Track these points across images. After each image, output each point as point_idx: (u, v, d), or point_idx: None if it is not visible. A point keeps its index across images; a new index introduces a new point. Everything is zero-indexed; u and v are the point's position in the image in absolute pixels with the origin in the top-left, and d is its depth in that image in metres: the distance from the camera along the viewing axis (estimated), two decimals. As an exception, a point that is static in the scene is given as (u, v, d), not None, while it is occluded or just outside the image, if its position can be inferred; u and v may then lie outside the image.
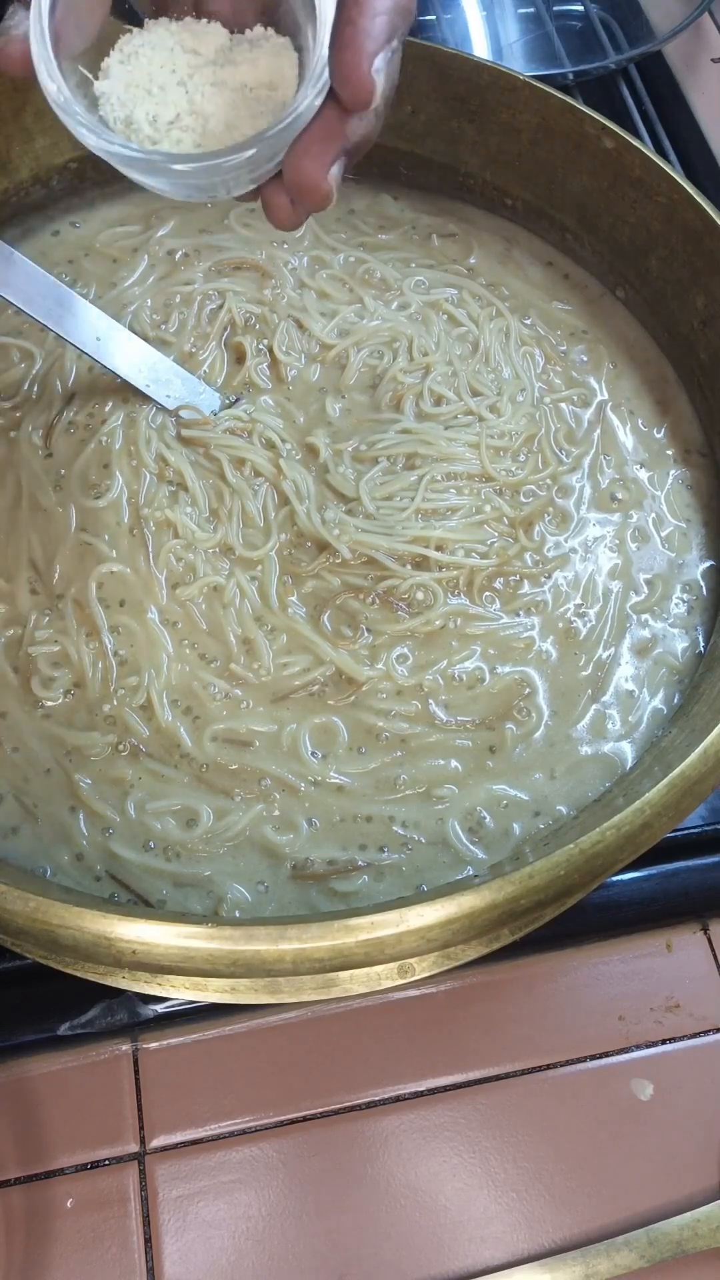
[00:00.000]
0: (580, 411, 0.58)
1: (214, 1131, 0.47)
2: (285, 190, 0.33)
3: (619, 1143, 0.48)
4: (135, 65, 0.33)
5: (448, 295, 0.61)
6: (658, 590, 0.53)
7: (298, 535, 0.51)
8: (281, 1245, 0.45)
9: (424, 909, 0.36)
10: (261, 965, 0.35)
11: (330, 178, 0.32)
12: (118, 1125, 0.47)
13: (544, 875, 0.37)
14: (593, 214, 0.60)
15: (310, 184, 0.32)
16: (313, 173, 0.32)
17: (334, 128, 0.31)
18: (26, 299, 0.49)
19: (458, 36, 0.84)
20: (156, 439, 0.53)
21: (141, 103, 0.33)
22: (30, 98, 0.58)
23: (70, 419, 0.54)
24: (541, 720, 0.49)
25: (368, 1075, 0.48)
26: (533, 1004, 0.50)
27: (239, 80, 0.33)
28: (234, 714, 0.48)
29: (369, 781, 0.47)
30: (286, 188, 0.32)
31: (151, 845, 0.45)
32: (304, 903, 0.45)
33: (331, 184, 0.32)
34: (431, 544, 0.51)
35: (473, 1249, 0.45)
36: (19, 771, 0.47)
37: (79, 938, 0.36)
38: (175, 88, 0.33)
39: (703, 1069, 0.49)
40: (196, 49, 0.33)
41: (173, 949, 0.35)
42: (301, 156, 0.32)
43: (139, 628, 0.49)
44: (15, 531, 0.51)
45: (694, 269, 0.56)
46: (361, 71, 0.30)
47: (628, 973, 0.51)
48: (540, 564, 0.53)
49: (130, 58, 0.33)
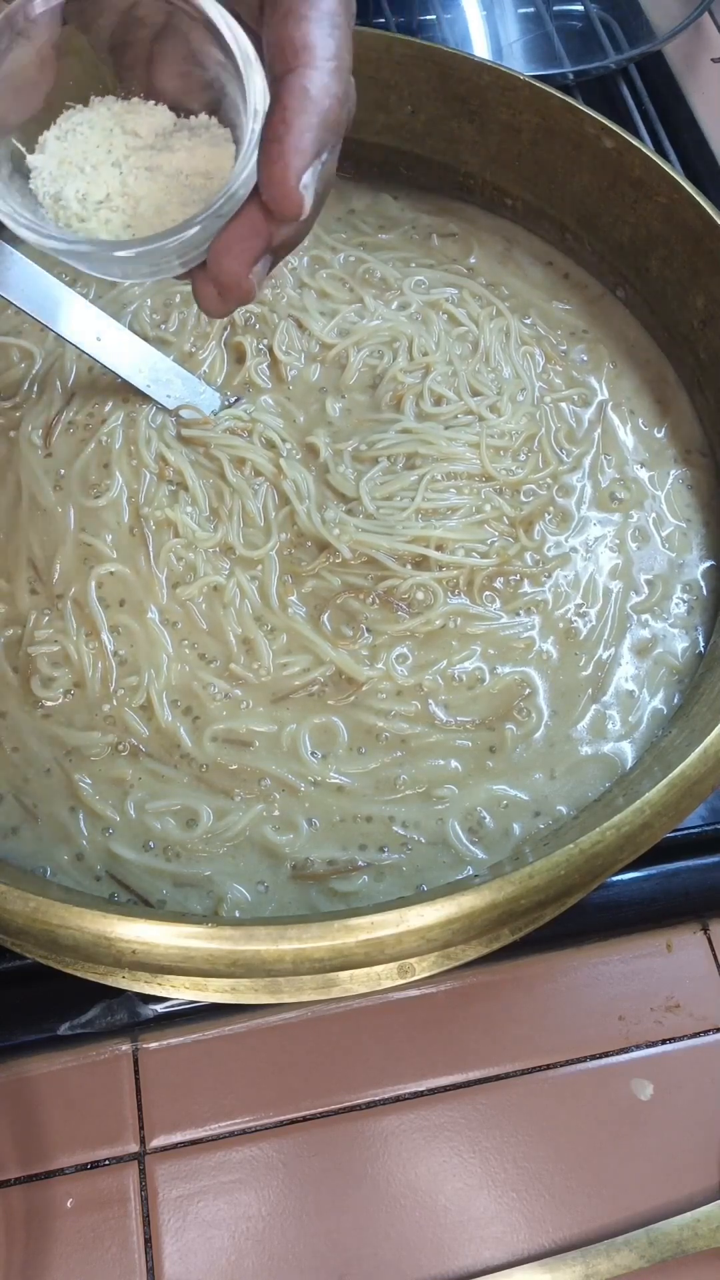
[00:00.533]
0: (581, 411, 0.58)
1: (214, 1131, 0.47)
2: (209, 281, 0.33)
3: (619, 1143, 0.48)
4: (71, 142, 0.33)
5: (448, 295, 0.61)
6: (658, 590, 0.53)
7: (298, 535, 0.51)
8: (281, 1245, 0.45)
9: (424, 909, 0.36)
10: (261, 965, 0.35)
11: (252, 276, 0.32)
12: (118, 1125, 0.47)
13: (544, 875, 0.37)
14: (593, 214, 0.60)
15: (231, 281, 0.32)
16: (234, 270, 0.32)
17: (259, 226, 0.31)
18: (26, 299, 0.49)
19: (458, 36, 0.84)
20: (156, 439, 0.53)
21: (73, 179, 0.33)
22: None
23: (70, 419, 0.54)
24: (542, 720, 0.49)
25: (368, 1075, 0.48)
26: (533, 1004, 0.50)
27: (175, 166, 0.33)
28: (234, 714, 0.48)
29: (369, 781, 0.47)
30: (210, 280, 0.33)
31: (151, 845, 0.45)
32: (304, 903, 0.45)
33: (253, 281, 0.32)
34: (432, 544, 0.51)
35: (473, 1249, 0.45)
36: (19, 771, 0.47)
37: (79, 938, 0.36)
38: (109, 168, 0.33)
39: (703, 1069, 0.49)
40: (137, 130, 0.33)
41: (173, 949, 0.35)
42: (223, 254, 0.32)
43: (139, 628, 0.49)
44: (15, 531, 0.51)
45: (694, 269, 0.56)
46: (289, 186, 0.30)
47: (628, 973, 0.51)
48: (540, 563, 0.53)
49: (68, 134, 0.33)
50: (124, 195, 0.33)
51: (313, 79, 0.30)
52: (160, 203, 0.32)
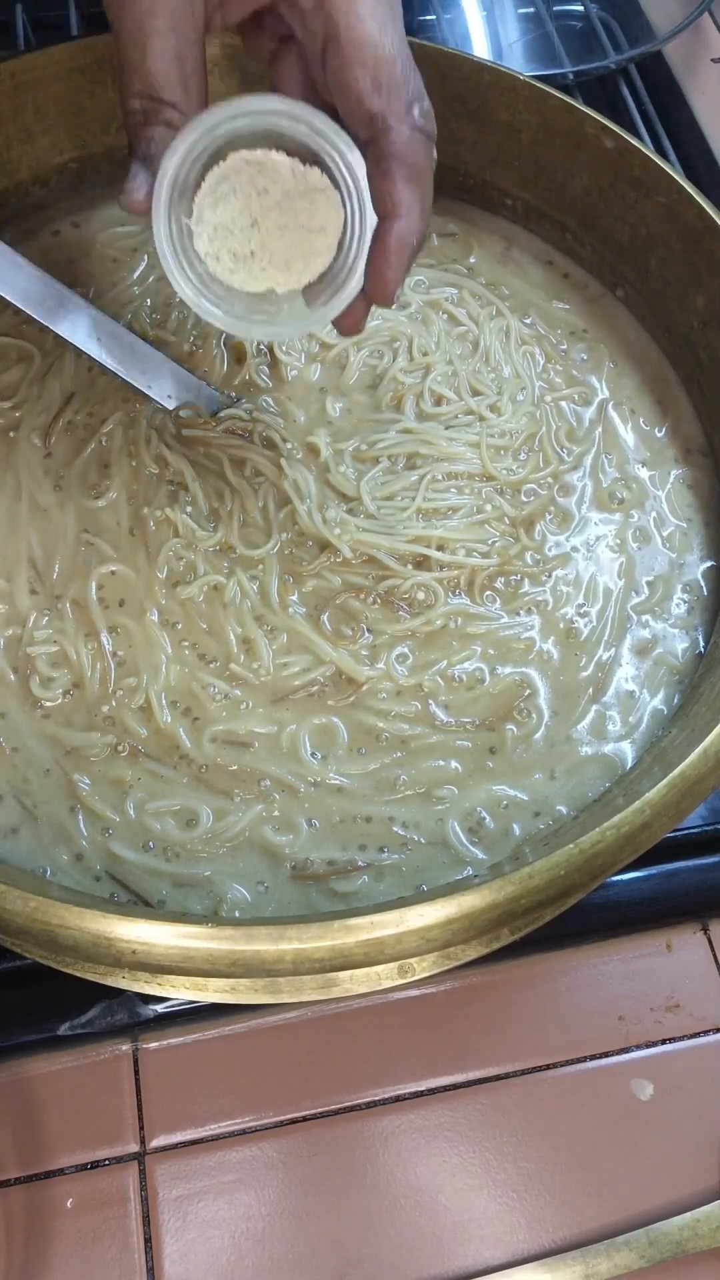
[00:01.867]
0: (581, 410, 0.58)
1: (214, 1131, 0.47)
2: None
3: (619, 1143, 0.48)
4: (222, 210, 0.41)
5: (448, 295, 0.61)
6: (658, 590, 0.53)
7: (299, 534, 0.51)
8: (281, 1245, 0.45)
9: (424, 909, 0.36)
10: (261, 965, 0.35)
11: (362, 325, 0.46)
12: (118, 1125, 0.47)
13: (544, 875, 0.37)
14: (593, 214, 0.60)
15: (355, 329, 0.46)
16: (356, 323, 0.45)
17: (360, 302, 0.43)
18: (26, 299, 0.49)
19: (458, 36, 0.84)
20: (156, 439, 0.53)
21: (225, 241, 0.41)
22: (30, 98, 0.58)
23: (70, 419, 0.54)
24: (542, 721, 0.49)
25: (368, 1075, 0.48)
26: (533, 1004, 0.50)
27: (298, 223, 0.41)
28: (233, 715, 0.48)
29: (369, 782, 0.47)
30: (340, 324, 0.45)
31: (151, 845, 0.45)
32: (304, 903, 0.45)
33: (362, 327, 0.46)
34: (433, 543, 0.51)
35: (473, 1249, 0.45)
36: (18, 772, 0.47)
37: (79, 938, 0.36)
38: (250, 228, 0.41)
39: (703, 1069, 0.49)
40: (268, 188, 0.41)
41: (173, 949, 0.35)
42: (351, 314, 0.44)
43: (138, 628, 0.49)
44: (15, 531, 0.51)
45: (694, 269, 0.56)
46: (387, 296, 0.42)
47: (628, 973, 0.51)
48: (541, 563, 0.53)
49: (218, 202, 0.41)
50: (262, 247, 0.41)
51: (403, 227, 0.41)
52: (289, 257, 0.42)
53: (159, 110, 0.41)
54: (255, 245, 0.41)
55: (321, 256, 0.42)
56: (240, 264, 0.42)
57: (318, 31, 0.40)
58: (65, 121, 0.60)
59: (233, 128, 0.40)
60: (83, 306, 0.51)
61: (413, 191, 0.41)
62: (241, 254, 0.42)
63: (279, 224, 0.41)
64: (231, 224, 0.41)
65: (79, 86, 0.59)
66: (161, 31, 0.40)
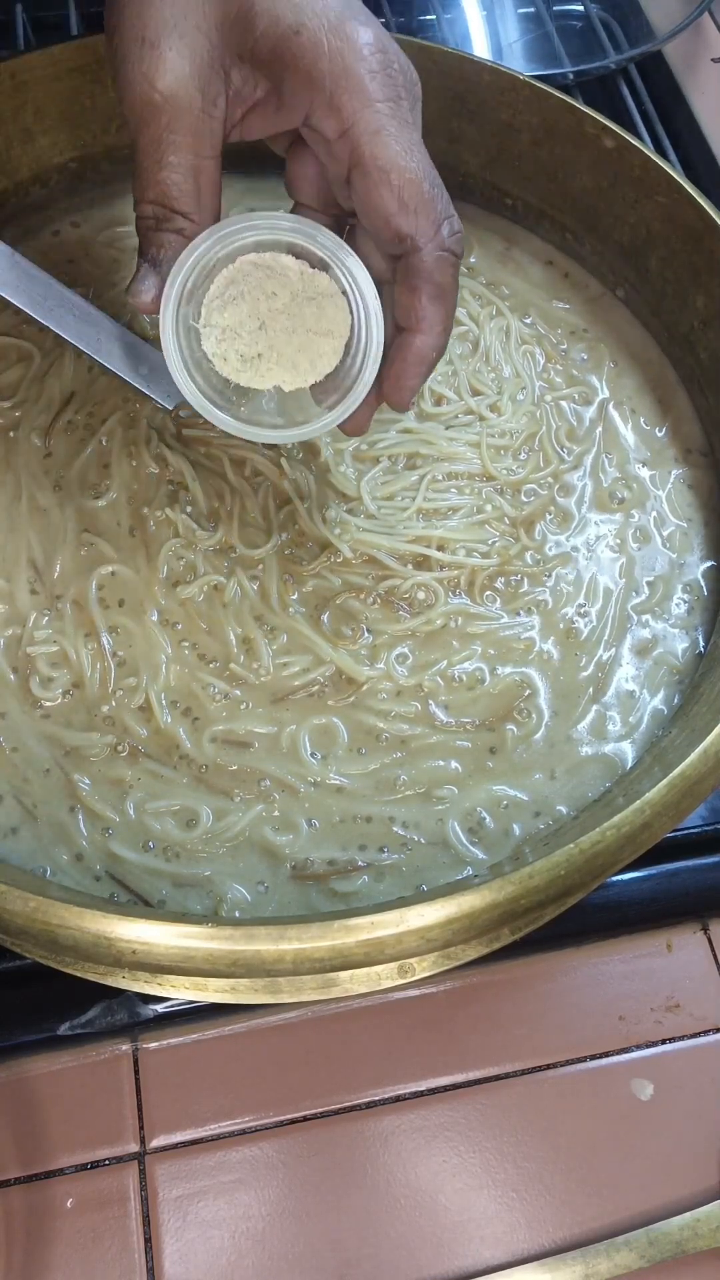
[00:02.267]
0: (582, 410, 0.58)
1: (214, 1131, 0.47)
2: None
3: (619, 1143, 0.48)
4: (230, 314, 0.42)
5: (448, 295, 0.61)
6: (659, 590, 0.53)
7: (299, 534, 0.51)
8: (281, 1245, 0.45)
9: (424, 909, 0.36)
10: (261, 965, 0.35)
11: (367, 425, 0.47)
12: (118, 1125, 0.47)
13: (544, 875, 0.37)
14: (593, 214, 0.60)
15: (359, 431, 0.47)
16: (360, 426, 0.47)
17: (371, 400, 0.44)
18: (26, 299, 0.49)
19: (458, 36, 0.84)
20: (156, 439, 0.53)
21: (233, 343, 0.42)
22: (30, 98, 0.58)
23: (70, 419, 0.54)
24: (542, 721, 0.49)
25: (368, 1075, 0.48)
26: (533, 1004, 0.50)
27: (305, 327, 0.42)
28: (233, 715, 0.48)
29: (369, 782, 0.47)
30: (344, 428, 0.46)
31: (151, 845, 0.45)
32: (304, 903, 0.45)
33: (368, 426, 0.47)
34: (433, 543, 0.51)
35: (473, 1249, 0.45)
36: (18, 771, 0.47)
37: (79, 938, 0.36)
38: (258, 330, 0.42)
39: (703, 1069, 0.49)
40: (276, 291, 0.42)
41: (173, 949, 0.35)
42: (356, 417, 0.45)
43: (137, 628, 0.49)
44: (15, 531, 0.51)
45: (694, 269, 0.56)
46: (402, 403, 0.44)
47: (628, 973, 0.51)
48: (541, 563, 0.53)
49: (226, 305, 0.42)
50: (269, 349, 0.42)
51: (424, 342, 0.42)
52: (294, 357, 0.42)
53: (171, 219, 0.42)
54: (263, 347, 0.42)
55: (327, 359, 0.43)
56: (247, 365, 0.42)
57: (343, 158, 0.41)
58: (65, 121, 0.60)
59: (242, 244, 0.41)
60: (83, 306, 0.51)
61: (436, 309, 0.42)
62: (249, 356, 0.42)
63: (286, 327, 0.42)
64: (239, 326, 0.42)
65: (79, 86, 0.59)
66: (179, 146, 0.41)
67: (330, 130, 0.41)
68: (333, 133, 0.40)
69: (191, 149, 0.41)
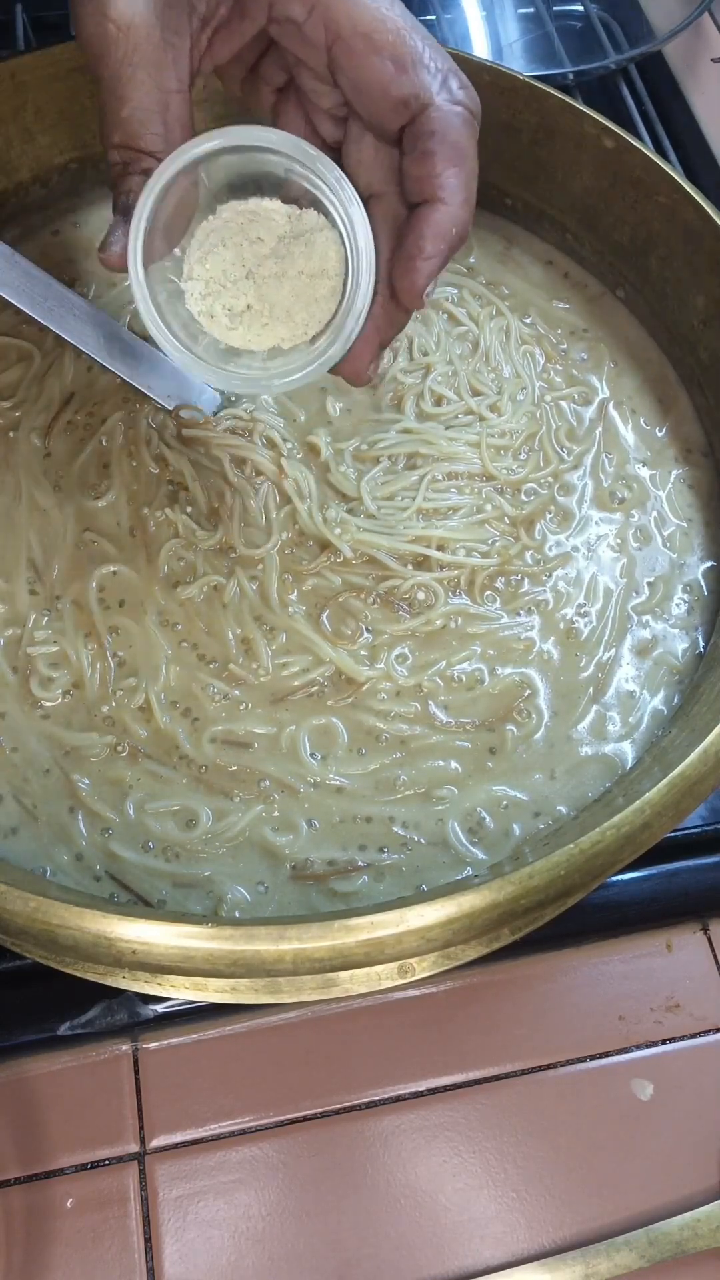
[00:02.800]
0: (582, 409, 0.58)
1: (214, 1131, 0.47)
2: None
3: (619, 1143, 0.48)
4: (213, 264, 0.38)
5: (448, 294, 0.61)
6: (659, 591, 0.53)
7: (299, 534, 0.51)
8: (281, 1245, 0.45)
9: (424, 909, 0.36)
10: (261, 965, 0.35)
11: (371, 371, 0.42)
12: (118, 1125, 0.47)
13: (544, 875, 0.37)
14: (593, 214, 0.60)
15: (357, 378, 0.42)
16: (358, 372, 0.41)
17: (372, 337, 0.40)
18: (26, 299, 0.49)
19: (458, 36, 0.84)
20: (156, 438, 0.53)
21: (219, 297, 0.39)
22: (30, 98, 0.58)
23: (69, 419, 0.54)
24: (542, 721, 0.49)
25: (368, 1075, 0.48)
26: (533, 1004, 0.50)
27: (296, 269, 0.38)
28: (233, 716, 0.48)
29: (369, 782, 0.47)
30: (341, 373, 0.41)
31: (151, 846, 0.45)
32: (304, 903, 0.44)
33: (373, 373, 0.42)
34: (433, 543, 0.51)
35: (473, 1249, 0.45)
36: (18, 772, 0.47)
37: (79, 938, 0.36)
38: (244, 280, 0.38)
39: (703, 1069, 0.49)
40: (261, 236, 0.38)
41: (173, 949, 0.35)
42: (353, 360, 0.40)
43: (137, 629, 0.49)
44: (14, 531, 0.51)
45: (694, 269, 0.56)
46: (415, 295, 0.38)
47: (628, 973, 0.51)
48: (541, 563, 0.53)
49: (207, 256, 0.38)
50: (259, 300, 0.39)
51: (442, 214, 0.36)
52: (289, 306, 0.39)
53: (138, 160, 0.39)
54: (252, 298, 0.39)
55: (324, 304, 0.39)
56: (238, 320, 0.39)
57: (318, 40, 0.37)
58: (65, 121, 0.60)
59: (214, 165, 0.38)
60: (83, 306, 0.51)
61: (455, 173, 0.36)
62: (237, 309, 0.39)
63: (275, 272, 0.38)
64: (223, 277, 0.38)
65: (79, 86, 0.59)
66: (140, 81, 0.38)
67: (297, 11, 0.37)
68: (300, 12, 0.37)
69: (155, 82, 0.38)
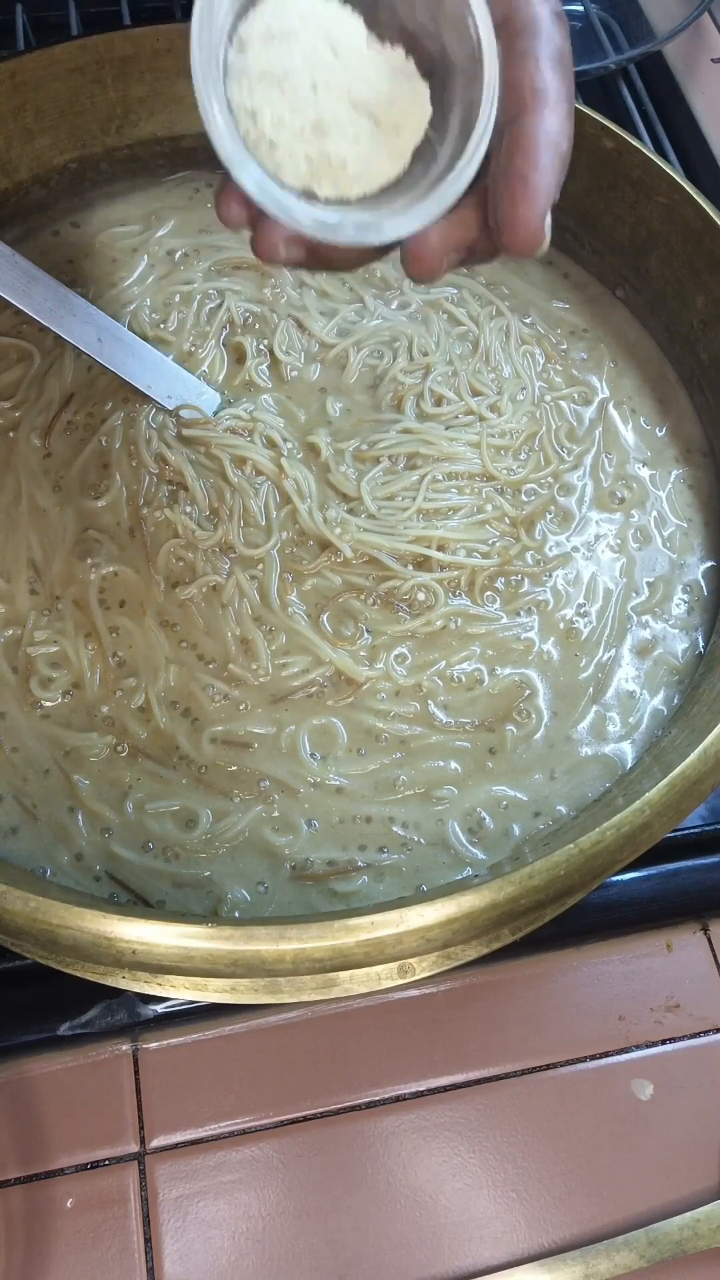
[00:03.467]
0: (582, 409, 0.58)
1: (214, 1131, 0.47)
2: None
3: (619, 1143, 0.48)
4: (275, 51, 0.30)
5: (448, 294, 0.61)
6: (659, 591, 0.53)
7: (299, 534, 0.51)
8: (281, 1245, 0.45)
9: (424, 909, 0.36)
10: (261, 965, 0.35)
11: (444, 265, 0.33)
12: (118, 1125, 0.47)
13: (544, 875, 0.37)
14: (593, 214, 0.60)
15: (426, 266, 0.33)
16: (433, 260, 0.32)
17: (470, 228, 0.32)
18: (27, 299, 0.49)
19: (458, 36, 0.84)
20: (156, 438, 0.53)
21: (271, 98, 0.30)
22: (30, 98, 0.58)
23: (69, 419, 0.54)
24: (542, 722, 0.49)
25: (368, 1075, 0.48)
26: (533, 1004, 0.50)
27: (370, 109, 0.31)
28: (232, 716, 0.48)
29: (368, 783, 0.47)
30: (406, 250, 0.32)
31: (151, 846, 0.45)
32: (304, 903, 0.44)
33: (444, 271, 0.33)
34: (433, 544, 0.51)
35: (473, 1249, 0.45)
36: (18, 772, 0.47)
37: (79, 938, 0.36)
38: (308, 90, 0.30)
39: (703, 1069, 0.49)
40: (336, 47, 0.31)
41: (173, 949, 0.35)
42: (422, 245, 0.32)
43: (137, 629, 0.49)
44: (14, 531, 0.51)
45: (694, 269, 0.56)
46: (534, 225, 0.30)
47: (628, 973, 0.51)
48: (541, 563, 0.53)
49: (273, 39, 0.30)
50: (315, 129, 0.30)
51: (551, 122, 0.31)
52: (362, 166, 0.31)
53: None
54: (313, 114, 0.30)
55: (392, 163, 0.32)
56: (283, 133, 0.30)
57: None
58: (65, 121, 0.60)
59: None
60: (83, 306, 0.51)
61: (560, 77, 0.32)
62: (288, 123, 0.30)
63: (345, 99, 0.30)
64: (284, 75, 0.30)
65: (79, 86, 0.59)
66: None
67: None
68: None
69: None
